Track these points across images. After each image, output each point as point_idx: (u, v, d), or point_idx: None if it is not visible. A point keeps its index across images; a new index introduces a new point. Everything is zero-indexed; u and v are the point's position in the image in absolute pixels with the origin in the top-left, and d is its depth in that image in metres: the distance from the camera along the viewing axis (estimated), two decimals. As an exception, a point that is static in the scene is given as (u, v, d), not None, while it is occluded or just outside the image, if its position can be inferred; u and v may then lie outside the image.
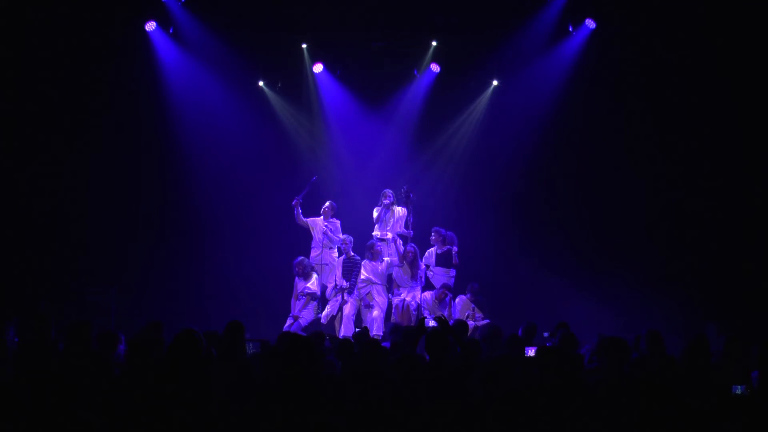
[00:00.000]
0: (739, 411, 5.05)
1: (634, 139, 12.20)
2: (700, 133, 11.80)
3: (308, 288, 10.89)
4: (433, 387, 4.93)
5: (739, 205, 11.64)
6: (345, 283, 10.86)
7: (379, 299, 10.80)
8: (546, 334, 8.26)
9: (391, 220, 11.32)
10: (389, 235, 11.23)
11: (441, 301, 10.78)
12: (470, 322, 9.92)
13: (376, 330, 10.44)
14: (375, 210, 11.39)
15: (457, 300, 11.00)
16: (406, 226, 11.13)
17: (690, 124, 11.87)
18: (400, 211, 11.28)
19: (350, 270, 10.98)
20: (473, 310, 10.92)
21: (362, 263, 10.93)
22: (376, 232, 11.30)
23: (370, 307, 10.80)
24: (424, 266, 11.12)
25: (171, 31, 12.27)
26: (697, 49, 11.54)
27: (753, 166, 11.58)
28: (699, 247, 11.75)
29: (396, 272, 11.03)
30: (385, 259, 10.99)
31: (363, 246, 11.09)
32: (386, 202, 11.29)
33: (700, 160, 11.84)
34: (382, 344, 7.13)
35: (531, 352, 6.53)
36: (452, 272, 11.22)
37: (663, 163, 12.04)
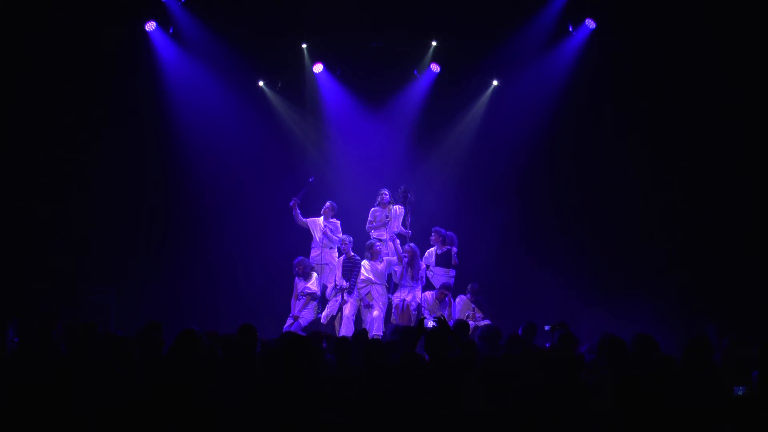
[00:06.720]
0: (740, 411, 5.05)
1: (634, 140, 12.19)
2: (700, 133, 11.81)
3: (308, 288, 10.89)
4: (432, 387, 4.93)
5: (740, 205, 11.63)
6: (345, 283, 10.86)
7: (379, 299, 10.80)
8: (547, 327, 8.22)
9: (388, 219, 11.32)
10: (385, 236, 11.24)
11: (441, 301, 10.78)
12: (470, 322, 9.91)
13: (376, 330, 10.43)
14: (371, 210, 11.40)
15: (457, 300, 10.99)
16: (404, 226, 11.13)
17: (689, 124, 11.88)
18: (397, 210, 11.29)
19: (350, 270, 10.98)
20: (473, 310, 10.92)
21: (362, 263, 10.94)
22: (374, 232, 11.32)
23: (370, 307, 10.79)
24: (424, 266, 11.12)
25: (171, 31, 12.28)
26: (697, 49, 11.54)
27: (753, 166, 11.58)
28: (699, 247, 11.75)
29: (396, 272, 11.03)
30: (385, 258, 11.00)
31: (363, 246, 11.10)
32: (384, 201, 11.31)
33: (700, 160, 11.85)
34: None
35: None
36: (452, 272, 11.21)
37: (663, 163, 12.04)
